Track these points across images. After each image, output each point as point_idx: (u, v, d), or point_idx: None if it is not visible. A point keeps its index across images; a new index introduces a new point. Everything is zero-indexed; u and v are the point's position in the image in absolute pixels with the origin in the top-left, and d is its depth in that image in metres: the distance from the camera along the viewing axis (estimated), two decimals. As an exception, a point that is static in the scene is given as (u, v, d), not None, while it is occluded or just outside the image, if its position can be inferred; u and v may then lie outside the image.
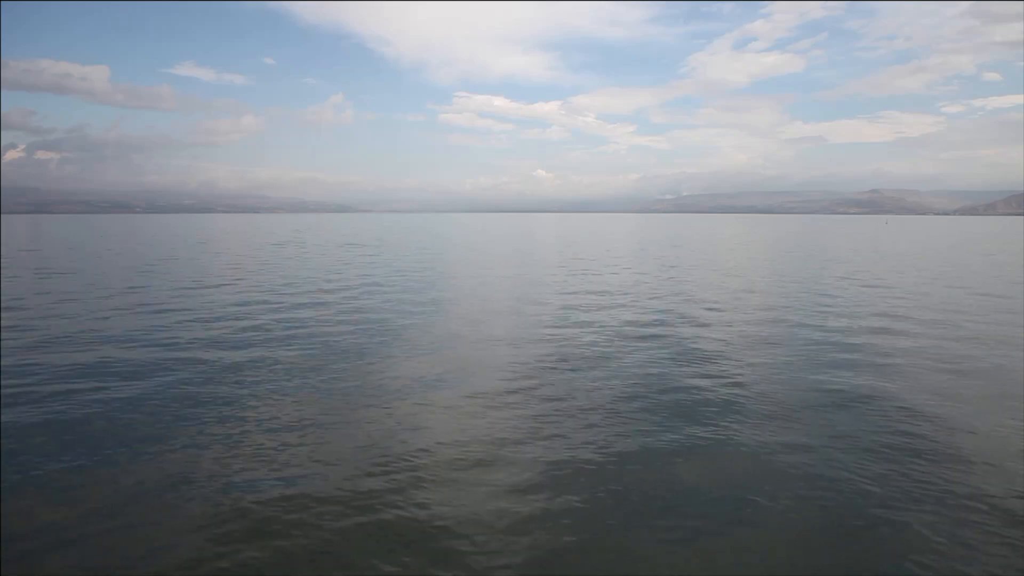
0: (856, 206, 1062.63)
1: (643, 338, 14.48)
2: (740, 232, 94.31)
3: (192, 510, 6.25)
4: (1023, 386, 10.53)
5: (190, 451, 7.71)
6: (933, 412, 9.16)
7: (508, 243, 60.05)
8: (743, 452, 7.74)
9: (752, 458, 7.55)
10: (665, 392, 10.18)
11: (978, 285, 25.07)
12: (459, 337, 14.67)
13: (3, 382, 10.51)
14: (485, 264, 35.72)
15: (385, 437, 8.22)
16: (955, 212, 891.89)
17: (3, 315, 17.15)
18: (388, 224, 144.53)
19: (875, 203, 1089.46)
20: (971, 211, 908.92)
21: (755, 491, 6.66)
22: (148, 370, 11.43)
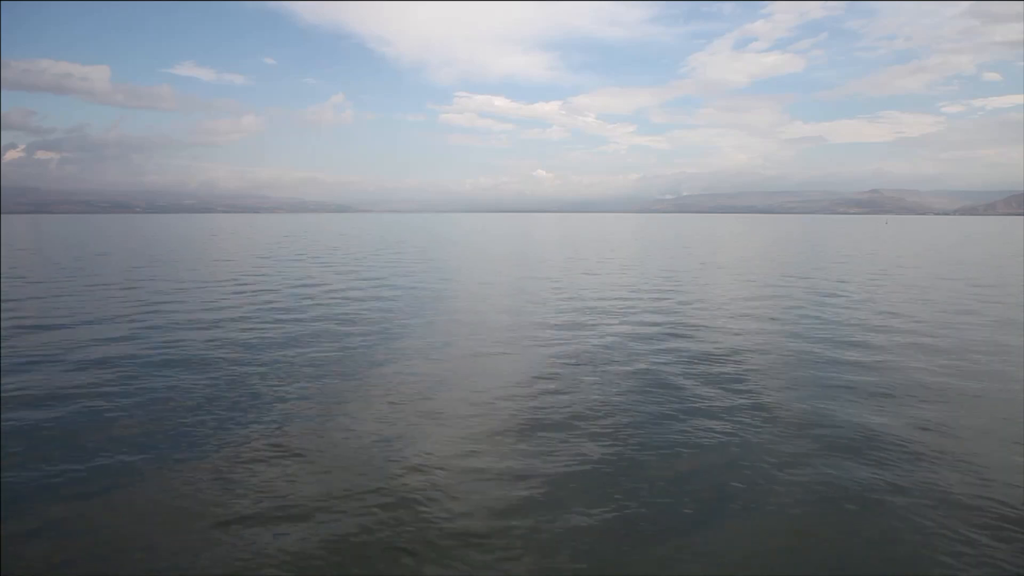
0: (856, 206, 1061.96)
1: (657, 345, 14.44)
2: (741, 232, 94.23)
3: (190, 514, 6.28)
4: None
5: (190, 454, 7.73)
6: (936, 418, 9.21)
7: (515, 244, 59.93)
8: (746, 453, 7.76)
9: (755, 459, 7.57)
10: (669, 393, 10.15)
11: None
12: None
13: (3, 383, 10.51)
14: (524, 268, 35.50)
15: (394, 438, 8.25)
16: (955, 212, 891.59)
17: (3, 314, 17.17)
18: (389, 224, 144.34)
19: (875, 203, 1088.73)
20: (971, 211, 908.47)
21: (756, 492, 6.70)
22: (148, 371, 11.41)
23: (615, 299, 20.88)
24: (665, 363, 12.12)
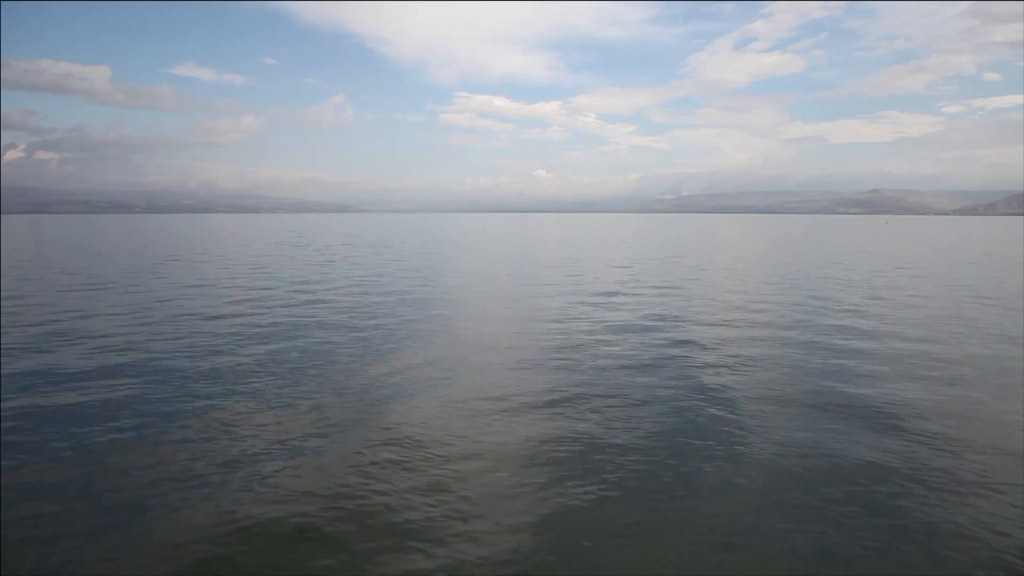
0: (856, 206, 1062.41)
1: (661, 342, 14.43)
2: (741, 232, 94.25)
3: (193, 513, 6.26)
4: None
5: (191, 453, 7.73)
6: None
7: (515, 244, 59.92)
8: (749, 453, 7.77)
9: (758, 460, 7.58)
10: (673, 394, 10.14)
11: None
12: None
13: (3, 383, 10.51)
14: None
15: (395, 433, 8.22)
16: (955, 212, 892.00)
17: (2, 315, 17.16)
18: (389, 224, 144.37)
19: (875, 203, 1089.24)
20: (971, 211, 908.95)
21: (758, 494, 6.72)
22: (147, 368, 11.41)
23: (613, 298, 20.90)
24: (665, 363, 12.13)
